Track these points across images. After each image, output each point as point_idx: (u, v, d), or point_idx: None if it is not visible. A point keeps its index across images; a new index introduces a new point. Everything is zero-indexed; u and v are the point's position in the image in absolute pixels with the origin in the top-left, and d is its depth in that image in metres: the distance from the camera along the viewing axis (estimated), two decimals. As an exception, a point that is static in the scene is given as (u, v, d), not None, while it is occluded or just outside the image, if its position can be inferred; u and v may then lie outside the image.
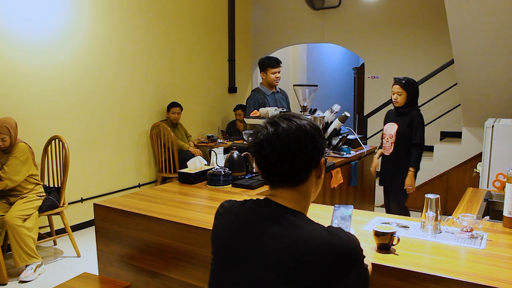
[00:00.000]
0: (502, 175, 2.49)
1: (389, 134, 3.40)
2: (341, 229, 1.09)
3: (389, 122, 3.46)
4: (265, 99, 3.83)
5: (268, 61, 3.85)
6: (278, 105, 3.84)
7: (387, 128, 3.44)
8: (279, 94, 4.02)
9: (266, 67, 3.84)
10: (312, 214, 1.18)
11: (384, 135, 3.48)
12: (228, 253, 1.15)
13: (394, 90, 3.34)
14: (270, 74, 3.82)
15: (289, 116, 1.16)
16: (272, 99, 3.90)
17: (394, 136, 3.36)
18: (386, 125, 3.48)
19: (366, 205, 3.83)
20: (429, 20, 5.67)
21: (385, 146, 3.45)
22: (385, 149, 3.46)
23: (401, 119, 3.36)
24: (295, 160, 1.12)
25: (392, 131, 3.38)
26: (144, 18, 4.92)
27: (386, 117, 3.56)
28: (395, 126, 3.37)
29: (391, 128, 3.40)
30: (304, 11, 6.50)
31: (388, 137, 3.41)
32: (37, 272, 3.23)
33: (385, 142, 3.46)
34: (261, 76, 3.90)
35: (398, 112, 3.39)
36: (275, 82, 3.87)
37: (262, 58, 3.95)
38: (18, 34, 3.73)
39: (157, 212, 2.01)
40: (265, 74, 3.86)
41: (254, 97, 3.86)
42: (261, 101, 3.79)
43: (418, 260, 1.46)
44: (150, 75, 5.06)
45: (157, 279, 1.99)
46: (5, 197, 3.35)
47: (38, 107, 3.92)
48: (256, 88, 3.99)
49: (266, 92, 3.88)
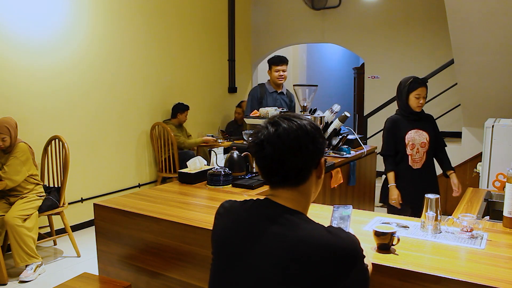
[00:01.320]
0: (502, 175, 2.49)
1: (421, 142, 2.93)
2: (341, 229, 1.09)
3: (410, 129, 2.95)
4: (265, 96, 3.89)
5: (273, 59, 3.91)
6: (278, 105, 3.86)
7: (415, 137, 2.94)
8: (284, 96, 4.02)
9: (270, 65, 3.92)
10: (312, 214, 1.18)
11: (413, 145, 2.94)
12: (228, 253, 1.15)
13: (420, 94, 2.88)
14: (274, 72, 3.88)
15: (289, 116, 1.16)
16: (272, 98, 3.92)
17: (427, 144, 2.94)
18: (409, 134, 2.94)
19: (366, 205, 3.83)
20: (429, 20, 5.67)
21: (415, 159, 2.95)
22: (415, 162, 2.96)
23: (425, 124, 2.98)
24: (295, 160, 1.12)
25: (424, 138, 2.93)
26: (144, 18, 4.92)
27: (397, 125, 2.99)
28: (423, 133, 2.94)
29: (420, 136, 2.94)
30: (304, 11, 6.50)
31: (419, 146, 2.93)
32: (37, 272, 3.23)
33: (414, 154, 2.95)
34: (268, 74, 4.01)
35: (417, 116, 2.96)
36: (278, 80, 3.88)
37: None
38: (18, 34, 3.73)
39: (157, 212, 2.01)
40: (270, 72, 3.93)
41: (255, 91, 3.95)
42: (259, 96, 3.87)
43: (418, 260, 1.46)
44: (150, 75, 5.06)
45: (157, 279, 1.99)
46: (5, 197, 3.35)
47: (38, 107, 3.92)
48: (261, 83, 4.05)
49: (268, 89, 3.93)
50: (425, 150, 2.95)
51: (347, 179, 3.35)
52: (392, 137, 2.99)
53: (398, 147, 2.98)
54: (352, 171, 3.41)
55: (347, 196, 3.40)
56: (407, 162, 2.95)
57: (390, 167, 3.01)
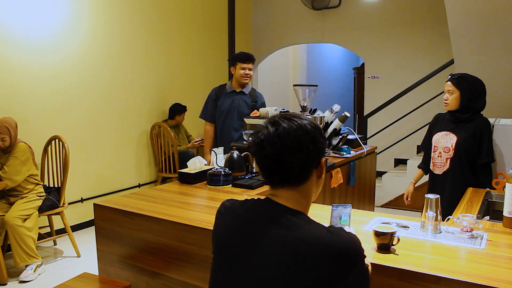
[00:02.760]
0: (502, 175, 2.49)
1: (444, 147, 2.65)
2: (342, 229, 1.09)
3: (441, 130, 2.70)
4: (221, 96, 3.55)
5: (239, 55, 3.52)
6: (234, 106, 3.52)
7: (439, 139, 2.69)
8: (246, 96, 3.57)
9: (235, 61, 3.51)
10: (312, 214, 1.18)
11: (436, 147, 2.70)
12: (228, 253, 1.15)
13: (445, 88, 2.63)
14: (239, 70, 3.49)
15: (289, 116, 1.16)
16: (228, 98, 3.54)
17: (453, 150, 2.61)
18: (437, 135, 2.71)
19: (366, 205, 3.83)
20: (429, 20, 5.67)
21: (436, 163, 2.70)
22: (435, 167, 2.71)
23: (460, 127, 2.62)
24: (296, 160, 1.12)
25: (449, 143, 2.63)
26: (144, 18, 4.92)
27: (434, 123, 2.80)
28: (453, 137, 2.62)
29: (447, 139, 2.65)
30: (304, 11, 6.50)
31: (442, 150, 2.66)
32: (37, 272, 3.23)
33: (436, 157, 2.70)
34: (231, 71, 3.60)
35: (455, 118, 2.64)
36: (243, 79, 3.50)
37: (235, 53, 3.71)
38: (18, 34, 3.73)
39: (157, 212, 2.01)
40: (234, 69, 3.54)
41: (212, 92, 3.63)
42: (215, 98, 3.58)
43: (418, 260, 1.46)
44: (150, 75, 5.06)
45: (157, 279, 1.99)
46: (5, 197, 3.35)
47: (38, 107, 3.91)
48: (223, 83, 3.72)
49: (227, 89, 3.57)
50: (449, 157, 2.63)
51: (347, 179, 3.35)
52: (428, 134, 2.82)
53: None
54: (352, 171, 3.41)
55: (347, 196, 3.40)
56: (430, 164, 2.77)
57: (420, 164, 2.93)
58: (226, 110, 3.55)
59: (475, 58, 3.87)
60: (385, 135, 5.71)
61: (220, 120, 3.58)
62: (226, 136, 3.55)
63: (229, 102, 3.54)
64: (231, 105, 3.54)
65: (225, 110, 3.55)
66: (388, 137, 5.76)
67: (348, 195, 3.41)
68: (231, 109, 3.54)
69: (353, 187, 3.48)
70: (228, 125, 3.56)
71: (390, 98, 5.39)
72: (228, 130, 3.56)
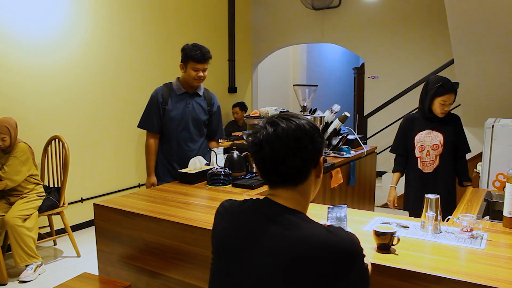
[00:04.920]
0: (502, 175, 2.49)
1: (432, 144, 2.73)
2: (341, 229, 1.09)
3: (423, 130, 2.77)
4: (169, 99, 2.84)
5: (192, 53, 2.75)
6: (189, 111, 2.88)
7: (425, 138, 2.75)
8: (200, 98, 2.95)
9: (187, 59, 2.78)
10: (311, 214, 1.18)
11: (422, 147, 2.75)
12: (228, 253, 1.15)
13: (446, 100, 2.65)
14: (191, 70, 2.78)
15: (288, 116, 1.16)
16: (180, 100, 2.87)
17: (441, 147, 2.72)
18: (420, 135, 2.77)
19: (366, 205, 3.83)
20: (429, 20, 5.67)
21: (425, 162, 2.76)
22: (425, 166, 2.77)
23: (444, 125, 2.76)
24: (294, 160, 1.12)
25: (436, 140, 2.73)
26: (143, 18, 4.92)
27: (409, 125, 2.84)
28: (437, 134, 2.73)
29: (432, 137, 2.74)
30: (304, 11, 6.50)
31: (430, 148, 2.74)
32: (37, 272, 3.23)
33: (424, 156, 2.76)
34: (180, 68, 2.87)
35: (437, 119, 2.75)
36: (194, 82, 2.84)
37: (187, 45, 2.80)
38: (18, 34, 3.73)
39: (157, 212, 2.01)
40: (184, 68, 2.82)
41: (156, 95, 2.88)
42: (161, 101, 2.83)
43: (418, 260, 1.46)
44: (150, 74, 5.06)
45: (157, 279, 1.99)
46: (5, 197, 3.35)
47: (38, 107, 3.92)
48: (169, 82, 2.96)
49: (176, 90, 2.88)
50: (438, 154, 2.73)
51: (347, 179, 3.35)
52: (403, 136, 2.87)
53: (408, 147, 2.84)
54: (352, 171, 3.41)
55: (347, 196, 3.40)
56: (416, 165, 2.80)
57: (396, 167, 2.94)
58: (178, 117, 2.86)
59: (475, 58, 3.87)
60: (385, 135, 5.71)
61: (171, 129, 2.86)
62: (184, 151, 2.88)
63: (181, 107, 2.86)
64: (185, 111, 2.87)
65: (178, 117, 2.85)
66: (388, 137, 5.74)
67: (348, 195, 3.41)
68: (185, 116, 2.88)
69: (353, 187, 3.47)
70: (184, 136, 2.88)
71: (390, 98, 5.39)
72: (185, 143, 2.89)
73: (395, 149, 2.95)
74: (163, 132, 2.90)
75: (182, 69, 2.85)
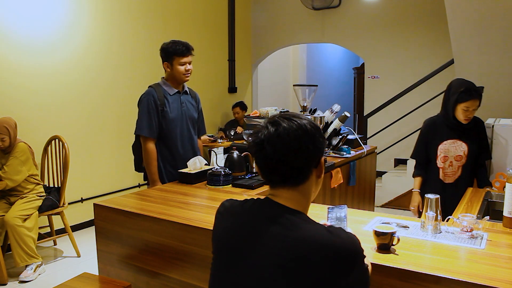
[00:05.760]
0: (502, 175, 2.49)
1: (455, 155, 2.60)
2: (341, 229, 1.09)
3: (447, 139, 2.62)
4: (165, 101, 2.77)
5: (175, 47, 2.75)
6: (185, 110, 2.84)
7: (449, 148, 2.61)
8: (189, 96, 2.91)
9: (172, 56, 2.75)
10: (312, 214, 1.18)
11: (446, 157, 2.62)
12: (228, 253, 1.15)
13: (469, 107, 2.48)
14: (178, 66, 2.75)
15: (289, 116, 1.16)
16: (175, 101, 2.81)
17: (465, 158, 2.59)
18: (444, 145, 2.62)
19: (366, 205, 3.83)
20: (429, 20, 5.67)
21: (448, 172, 2.64)
22: (446, 176, 2.65)
23: (468, 133, 2.60)
24: (296, 160, 1.12)
25: (460, 151, 2.59)
26: (144, 18, 4.92)
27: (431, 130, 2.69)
28: (461, 144, 2.59)
29: (456, 148, 2.60)
30: (304, 11, 6.50)
31: (454, 159, 2.61)
32: (37, 272, 3.23)
33: (447, 167, 2.63)
34: (164, 68, 2.83)
35: (461, 127, 2.59)
36: (184, 77, 2.78)
37: (165, 43, 2.82)
38: (18, 34, 3.73)
39: (157, 212, 2.01)
40: (170, 66, 2.78)
41: (149, 97, 2.77)
42: (159, 103, 2.75)
43: (418, 260, 1.46)
44: (150, 74, 5.05)
45: (157, 279, 1.99)
46: (5, 197, 3.35)
47: (38, 107, 3.92)
48: (155, 83, 2.87)
49: (168, 91, 2.81)
50: (461, 164, 2.61)
51: (347, 179, 3.35)
52: (424, 143, 2.73)
53: (429, 155, 2.70)
54: (352, 171, 3.41)
55: (347, 196, 3.40)
56: (438, 175, 2.66)
57: (417, 172, 2.79)
58: (178, 117, 2.80)
59: (475, 58, 3.87)
60: (385, 135, 5.71)
61: (172, 132, 2.79)
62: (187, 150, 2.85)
63: (178, 107, 2.81)
64: (181, 110, 2.82)
65: (177, 118, 2.80)
66: (388, 137, 5.76)
67: (348, 195, 3.41)
68: (183, 116, 2.83)
69: (353, 187, 3.48)
70: (186, 136, 2.85)
71: (390, 98, 5.40)
72: (189, 142, 2.87)
73: (416, 156, 2.81)
74: (161, 135, 2.79)
75: (168, 68, 2.80)
